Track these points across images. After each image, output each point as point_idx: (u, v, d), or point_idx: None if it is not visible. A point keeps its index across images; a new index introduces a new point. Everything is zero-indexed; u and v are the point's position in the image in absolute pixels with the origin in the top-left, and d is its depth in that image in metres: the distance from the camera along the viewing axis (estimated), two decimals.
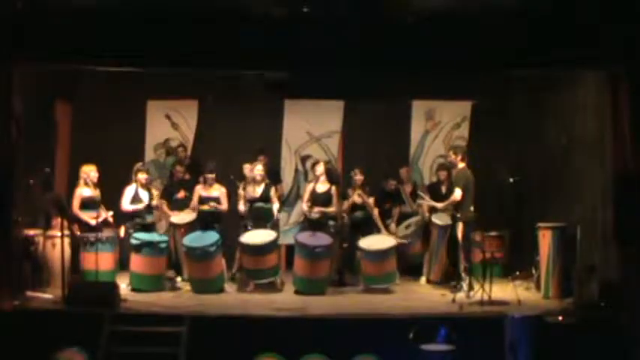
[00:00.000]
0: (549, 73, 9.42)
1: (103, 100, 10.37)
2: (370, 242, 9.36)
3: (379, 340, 7.46)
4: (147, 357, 7.44)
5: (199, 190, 9.52)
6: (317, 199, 9.48)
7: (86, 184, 9.14)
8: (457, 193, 9.02)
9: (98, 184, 9.23)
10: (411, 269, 10.01)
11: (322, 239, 9.15)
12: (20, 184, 8.38)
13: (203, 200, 9.48)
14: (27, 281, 8.44)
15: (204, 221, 9.43)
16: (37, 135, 9.33)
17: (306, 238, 9.21)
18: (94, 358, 7.31)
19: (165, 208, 9.75)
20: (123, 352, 7.41)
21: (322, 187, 9.54)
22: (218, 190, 9.52)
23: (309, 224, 9.50)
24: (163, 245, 9.13)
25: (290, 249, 9.99)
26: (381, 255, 9.21)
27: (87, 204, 9.08)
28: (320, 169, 9.65)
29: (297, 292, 9.14)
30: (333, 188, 9.55)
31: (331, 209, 9.43)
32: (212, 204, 9.41)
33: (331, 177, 9.67)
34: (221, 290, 9.08)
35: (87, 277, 8.79)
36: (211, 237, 9.12)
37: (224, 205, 9.50)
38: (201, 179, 9.64)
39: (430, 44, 8.38)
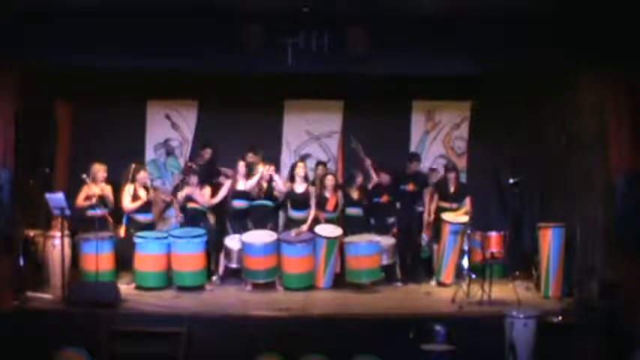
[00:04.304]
0: (549, 73, 9.42)
1: (103, 100, 10.36)
2: (356, 238, 9.38)
3: (379, 340, 7.47)
4: (147, 357, 7.47)
5: (185, 190, 9.52)
6: (295, 200, 9.50)
7: (94, 182, 9.21)
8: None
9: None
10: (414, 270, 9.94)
11: (304, 235, 9.30)
12: (20, 184, 8.38)
13: (188, 199, 9.50)
14: (27, 281, 8.43)
15: (190, 220, 9.44)
16: (37, 135, 9.34)
17: (289, 235, 9.31)
18: (93, 358, 7.32)
19: (176, 206, 9.76)
20: (123, 352, 7.43)
21: (300, 187, 9.55)
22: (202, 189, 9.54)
23: (292, 223, 9.53)
24: (166, 242, 9.14)
25: None
26: (361, 249, 9.20)
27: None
28: (300, 170, 9.65)
29: (287, 289, 9.18)
30: (311, 189, 9.55)
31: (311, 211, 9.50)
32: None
33: (307, 177, 9.75)
34: (202, 287, 9.08)
35: (87, 278, 8.79)
36: (198, 231, 9.23)
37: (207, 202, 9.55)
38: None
39: (430, 46, 8.40)
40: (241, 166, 9.64)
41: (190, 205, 9.47)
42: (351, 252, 9.25)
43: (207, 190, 9.57)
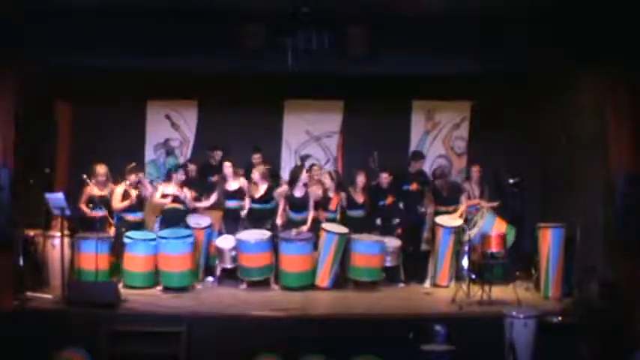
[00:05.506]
0: (549, 73, 9.42)
1: (103, 100, 10.36)
2: (364, 236, 9.44)
3: (379, 340, 7.46)
4: (147, 357, 7.48)
5: (162, 188, 9.53)
6: (294, 204, 9.51)
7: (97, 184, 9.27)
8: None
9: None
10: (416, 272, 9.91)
11: (304, 234, 9.30)
12: (20, 184, 8.38)
13: (164, 197, 9.51)
14: (27, 281, 8.43)
15: (168, 220, 9.44)
16: (37, 135, 9.34)
17: (289, 234, 9.31)
18: (93, 358, 7.32)
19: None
20: (123, 352, 7.43)
21: (299, 191, 9.55)
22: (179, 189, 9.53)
23: (291, 224, 9.51)
24: (153, 244, 9.12)
25: None
26: (368, 247, 9.26)
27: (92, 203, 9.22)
28: (305, 175, 9.65)
29: (285, 287, 9.18)
30: (310, 191, 9.55)
31: (310, 214, 9.49)
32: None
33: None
34: (188, 288, 9.05)
35: (83, 277, 8.80)
36: (185, 232, 9.23)
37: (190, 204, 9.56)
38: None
39: (430, 46, 8.40)
40: (227, 167, 9.64)
41: (171, 205, 9.46)
42: (358, 249, 9.28)
43: (188, 192, 9.56)
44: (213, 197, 9.74)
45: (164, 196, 9.47)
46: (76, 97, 10.53)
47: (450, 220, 9.59)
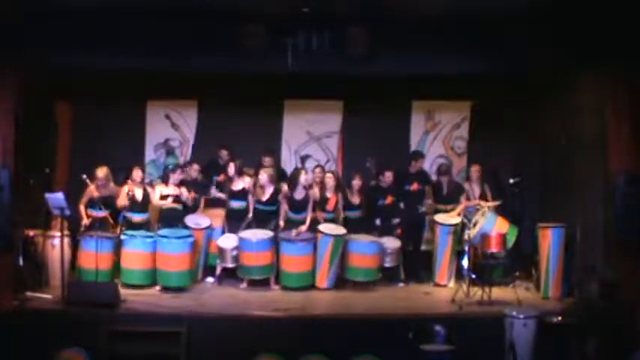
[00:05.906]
0: (549, 73, 9.42)
1: (103, 100, 10.36)
2: (361, 236, 9.45)
3: (379, 340, 7.47)
4: (147, 357, 7.48)
5: (160, 188, 9.53)
6: (294, 204, 9.51)
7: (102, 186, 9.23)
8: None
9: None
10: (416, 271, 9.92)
11: (303, 234, 9.32)
12: (20, 184, 8.38)
13: (163, 197, 9.49)
14: (27, 281, 8.43)
15: (167, 220, 9.43)
16: (37, 135, 9.34)
17: (289, 234, 9.32)
18: (94, 358, 7.32)
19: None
20: (123, 352, 7.44)
21: (300, 193, 9.54)
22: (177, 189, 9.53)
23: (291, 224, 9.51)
24: (151, 241, 9.10)
25: None
26: (364, 247, 9.27)
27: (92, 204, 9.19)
28: (303, 177, 9.63)
29: (286, 287, 9.18)
30: (311, 193, 9.56)
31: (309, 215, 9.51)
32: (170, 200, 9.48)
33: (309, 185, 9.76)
34: (185, 288, 9.02)
35: (84, 276, 8.80)
36: (184, 232, 9.21)
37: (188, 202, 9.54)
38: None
39: (430, 46, 8.41)
40: (231, 167, 9.64)
41: (169, 205, 9.44)
42: (355, 249, 9.28)
43: (185, 191, 9.56)
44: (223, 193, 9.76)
45: (164, 197, 9.46)
46: (76, 97, 10.52)
47: (448, 218, 9.60)
